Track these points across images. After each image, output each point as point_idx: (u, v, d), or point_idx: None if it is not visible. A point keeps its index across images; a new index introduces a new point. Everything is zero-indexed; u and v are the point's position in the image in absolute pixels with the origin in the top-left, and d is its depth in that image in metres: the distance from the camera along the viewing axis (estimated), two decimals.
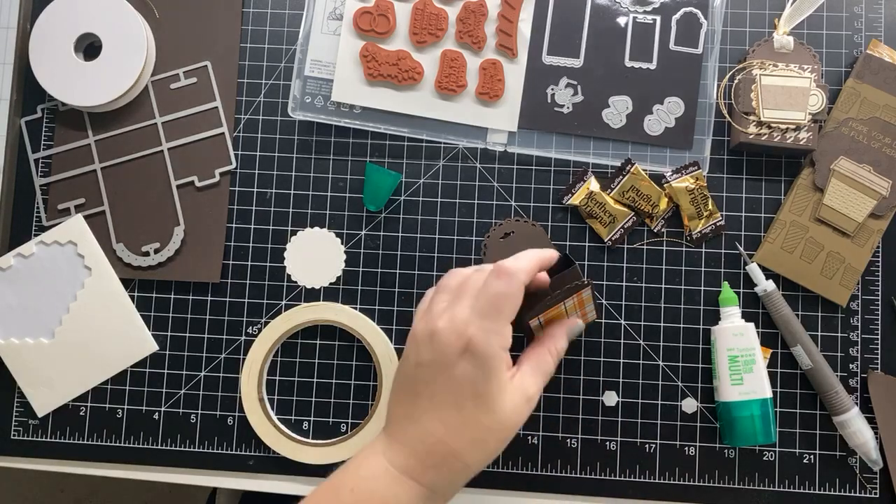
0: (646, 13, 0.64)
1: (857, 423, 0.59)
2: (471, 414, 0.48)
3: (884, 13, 0.65)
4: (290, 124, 0.66)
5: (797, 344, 0.60)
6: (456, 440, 0.48)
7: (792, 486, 0.61)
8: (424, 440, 0.48)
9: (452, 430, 0.48)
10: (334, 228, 0.65)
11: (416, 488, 0.48)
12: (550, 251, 0.53)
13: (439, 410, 0.48)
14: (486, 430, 0.48)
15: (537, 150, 0.64)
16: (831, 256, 0.62)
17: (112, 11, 0.65)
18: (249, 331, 0.65)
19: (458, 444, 0.48)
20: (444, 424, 0.48)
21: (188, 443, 0.64)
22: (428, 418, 0.49)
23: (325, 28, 0.65)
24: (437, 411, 0.48)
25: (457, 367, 0.48)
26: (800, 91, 0.62)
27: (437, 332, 0.49)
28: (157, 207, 0.66)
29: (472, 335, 0.47)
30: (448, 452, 0.48)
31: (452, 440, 0.48)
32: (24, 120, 0.67)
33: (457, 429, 0.48)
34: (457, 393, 0.48)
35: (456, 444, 0.48)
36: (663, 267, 0.63)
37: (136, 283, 0.65)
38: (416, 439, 0.49)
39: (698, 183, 0.62)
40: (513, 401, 0.48)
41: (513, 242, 0.63)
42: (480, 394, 0.48)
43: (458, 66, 0.63)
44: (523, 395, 0.49)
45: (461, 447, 0.48)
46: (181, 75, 0.67)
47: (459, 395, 0.48)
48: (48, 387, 0.64)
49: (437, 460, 0.48)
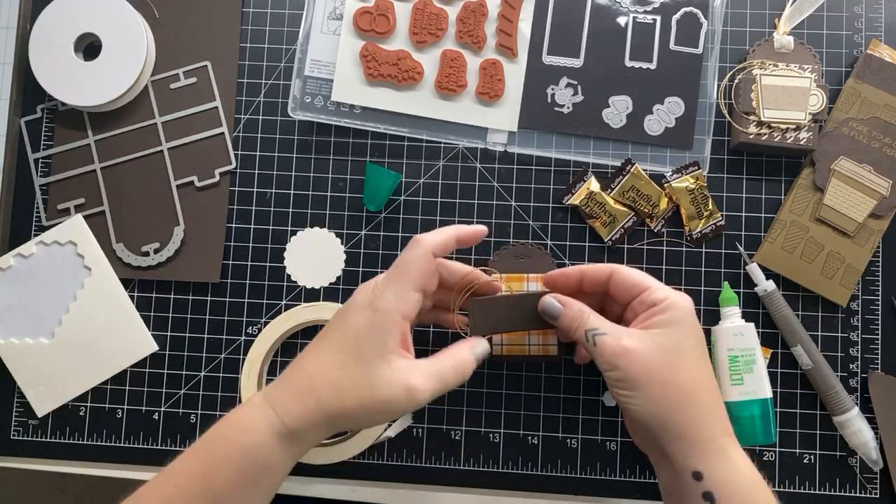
0: (646, 13, 0.64)
1: (857, 423, 0.59)
2: (344, 359, 0.49)
3: (884, 13, 0.65)
4: (290, 124, 0.66)
5: (797, 344, 0.60)
6: (320, 378, 0.49)
7: (792, 486, 0.61)
8: (294, 372, 0.50)
9: (320, 368, 0.49)
10: (334, 228, 0.65)
11: (271, 417, 0.48)
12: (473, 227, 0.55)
13: (321, 350, 0.50)
14: (350, 381, 0.48)
15: (537, 150, 0.64)
16: (831, 256, 0.62)
17: (112, 11, 0.65)
18: (249, 331, 0.65)
19: (321, 384, 0.48)
20: (316, 361, 0.50)
21: (188, 443, 0.64)
22: (310, 355, 0.50)
23: (325, 28, 0.65)
24: (319, 351, 0.50)
25: (353, 317, 0.50)
26: (800, 91, 0.62)
27: (356, 290, 0.52)
28: (157, 207, 0.66)
29: (374, 293, 0.50)
30: (309, 388, 0.48)
31: (317, 376, 0.49)
32: (24, 120, 0.67)
33: (325, 367, 0.49)
34: (342, 337, 0.50)
35: (319, 382, 0.48)
36: (663, 267, 0.63)
37: (136, 283, 0.65)
38: (290, 372, 0.50)
39: (698, 183, 0.62)
40: (388, 376, 0.48)
41: (520, 264, 0.63)
42: (361, 344, 0.49)
43: (458, 66, 0.63)
44: (403, 380, 0.48)
45: (322, 389, 0.48)
46: (181, 75, 0.67)
47: (342, 340, 0.50)
48: (48, 387, 0.64)
49: (297, 392, 0.49)
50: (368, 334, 0.49)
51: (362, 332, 0.49)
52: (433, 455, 0.63)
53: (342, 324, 0.50)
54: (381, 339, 0.49)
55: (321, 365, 0.49)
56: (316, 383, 0.49)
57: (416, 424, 0.63)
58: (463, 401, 0.63)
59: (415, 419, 0.63)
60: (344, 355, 0.49)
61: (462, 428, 0.63)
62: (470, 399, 0.63)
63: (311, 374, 0.49)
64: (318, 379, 0.49)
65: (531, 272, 0.62)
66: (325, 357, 0.50)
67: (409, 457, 0.63)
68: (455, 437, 0.63)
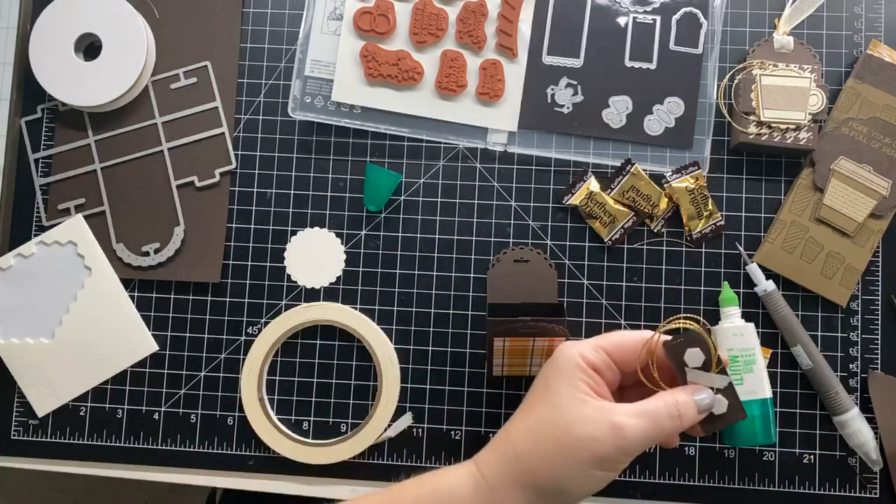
0: (646, 13, 0.64)
1: (857, 423, 0.59)
2: (535, 403, 0.48)
3: (884, 13, 0.65)
4: (290, 124, 0.66)
5: (797, 344, 0.60)
6: (516, 426, 0.48)
7: (792, 486, 0.61)
8: (498, 434, 0.49)
9: (516, 418, 0.48)
10: (334, 228, 0.65)
11: (472, 468, 0.47)
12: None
13: (519, 410, 0.49)
14: (543, 423, 0.46)
15: (537, 150, 0.64)
16: (831, 256, 0.62)
17: (112, 11, 0.65)
18: (249, 331, 0.65)
19: (516, 431, 0.47)
20: (515, 419, 0.49)
21: (188, 443, 0.64)
22: (512, 419, 0.49)
23: (325, 28, 0.65)
24: (518, 411, 0.49)
25: (541, 372, 0.50)
26: (800, 91, 0.62)
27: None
28: (157, 207, 0.66)
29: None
30: (505, 438, 0.48)
31: (513, 426, 0.48)
32: (24, 120, 0.67)
33: (519, 416, 0.48)
34: (534, 391, 0.49)
35: (514, 430, 0.47)
36: (663, 267, 0.63)
37: (136, 283, 0.65)
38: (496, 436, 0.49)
39: (698, 183, 0.62)
40: (586, 412, 0.45)
41: (518, 271, 0.63)
42: (549, 387, 0.47)
43: (458, 66, 0.63)
44: (605, 417, 0.44)
45: (517, 434, 0.47)
46: (181, 75, 0.67)
47: (534, 394, 0.49)
48: (48, 387, 0.64)
49: (496, 444, 0.48)
50: (554, 376, 0.48)
51: (549, 377, 0.48)
52: (433, 455, 0.63)
53: (534, 384, 0.50)
54: (569, 379, 0.47)
55: (517, 416, 0.49)
56: (512, 435, 0.47)
57: (416, 424, 0.63)
58: (463, 401, 0.63)
59: (415, 419, 0.63)
60: (535, 401, 0.48)
61: (462, 428, 0.63)
62: (470, 399, 0.63)
63: (509, 427, 0.48)
64: (514, 430, 0.47)
65: (533, 293, 0.62)
66: (521, 414, 0.49)
67: (409, 457, 0.63)
68: (455, 437, 0.63)
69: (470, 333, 0.64)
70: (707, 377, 0.48)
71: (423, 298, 0.64)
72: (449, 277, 0.64)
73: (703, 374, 0.48)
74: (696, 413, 0.47)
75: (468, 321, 0.64)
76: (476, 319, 0.64)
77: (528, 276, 0.63)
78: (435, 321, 0.64)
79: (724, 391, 0.48)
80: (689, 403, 0.46)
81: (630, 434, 0.44)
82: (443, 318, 0.64)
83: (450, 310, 0.64)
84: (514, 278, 0.63)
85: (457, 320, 0.64)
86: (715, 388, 0.48)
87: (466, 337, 0.64)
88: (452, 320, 0.64)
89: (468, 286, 0.64)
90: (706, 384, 0.48)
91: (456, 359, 0.63)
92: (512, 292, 0.63)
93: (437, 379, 0.63)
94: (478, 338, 0.64)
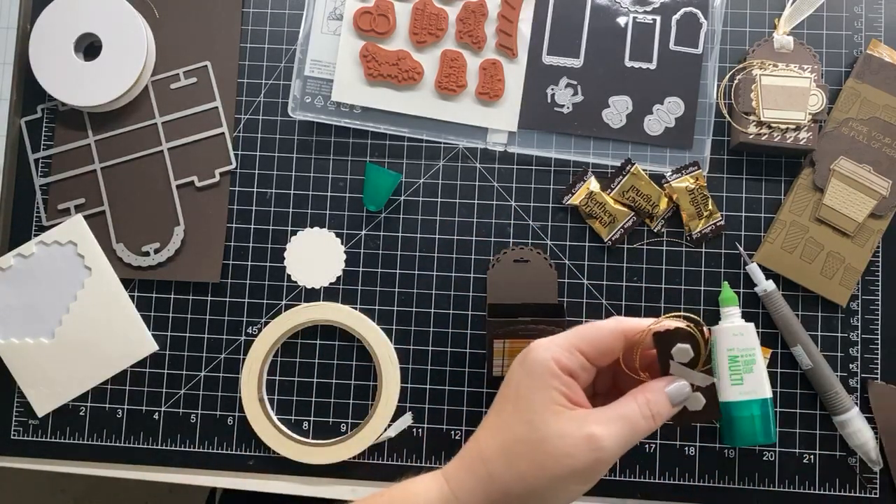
0: (646, 13, 0.64)
1: (857, 423, 0.59)
2: (507, 417, 0.45)
3: (884, 13, 0.65)
4: (290, 124, 0.66)
5: (797, 344, 0.60)
6: (487, 442, 0.45)
7: (792, 486, 0.61)
8: (468, 444, 0.47)
9: (487, 432, 0.46)
10: (334, 228, 0.65)
11: (444, 489, 0.46)
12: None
13: (489, 416, 0.47)
14: (517, 441, 0.44)
15: (537, 150, 0.64)
16: (831, 256, 0.62)
17: (112, 11, 0.65)
18: (249, 331, 0.65)
19: (488, 448, 0.45)
20: (484, 428, 0.47)
21: (188, 443, 0.64)
22: (482, 423, 0.48)
23: (325, 28, 0.65)
24: (487, 417, 0.47)
25: (511, 373, 0.47)
26: (800, 91, 0.62)
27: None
28: (157, 207, 0.66)
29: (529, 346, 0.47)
30: (477, 455, 0.46)
31: (484, 441, 0.46)
32: (24, 120, 0.67)
33: (491, 431, 0.46)
34: (503, 396, 0.47)
35: (486, 446, 0.45)
36: (663, 267, 0.63)
37: (136, 283, 0.65)
38: (466, 444, 0.47)
39: (698, 183, 0.62)
40: (559, 427, 0.43)
41: (518, 271, 0.63)
42: (521, 396, 0.45)
43: (458, 66, 0.63)
44: (579, 430, 0.43)
45: (490, 452, 0.45)
46: (181, 75, 0.67)
47: (503, 400, 0.47)
48: (48, 387, 0.64)
49: (467, 462, 0.46)
50: (527, 384, 0.45)
51: (520, 385, 0.46)
52: (433, 455, 0.63)
53: (503, 384, 0.47)
54: (542, 389, 0.44)
55: (488, 430, 0.46)
56: (485, 453, 0.45)
57: (416, 424, 0.63)
58: (463, 401, 0.63)
59: (415, 419, 0.63)
60: (507, 415, 0.45)
61: (462, 428, 0.63)
62: (470, 399, 0.63)
63: (480, 443, 0.46)
64: (486, 447, 0.45)
65: (531, 297, 0.62)
66: (491, 421, 0.46)
67: (409, 457, 0.63)
68: (455, 437, 0.63)
69: (470, 333, 0.64)
70: (690, 374, 0.48)
71: (423, 298, 0.64)
72: (449, 277, 0.64)
73: (688, 371, 0.48)
74: (669, 409, 0.46)
75: (468, 321, 0.64)
76: (476, 319, 0.64)
77: (527, 276, 0.63)
78: (435, 321, 0.64)
79: (704, 390, 0.48)
80: (662, 401, 0.46)
81: (606, 444, 0.43)
82: (443, 318, 0.64)
83: (450, 310, 0.64)
84: (513, 278, 0.63)
85: (457, 320, 0.64)
86: (695, 386, 0.48)
87: (466, 337, 0.64)
88: (452, 320, 0.64)
89: (468, 286, 0.64)
90: (689, 381, 0.47)
91: (456, 359, 0.63)
92: (512, 292, 0.63)
93: (437, 379, 0.63)
94: (478, 338, 0.64)
